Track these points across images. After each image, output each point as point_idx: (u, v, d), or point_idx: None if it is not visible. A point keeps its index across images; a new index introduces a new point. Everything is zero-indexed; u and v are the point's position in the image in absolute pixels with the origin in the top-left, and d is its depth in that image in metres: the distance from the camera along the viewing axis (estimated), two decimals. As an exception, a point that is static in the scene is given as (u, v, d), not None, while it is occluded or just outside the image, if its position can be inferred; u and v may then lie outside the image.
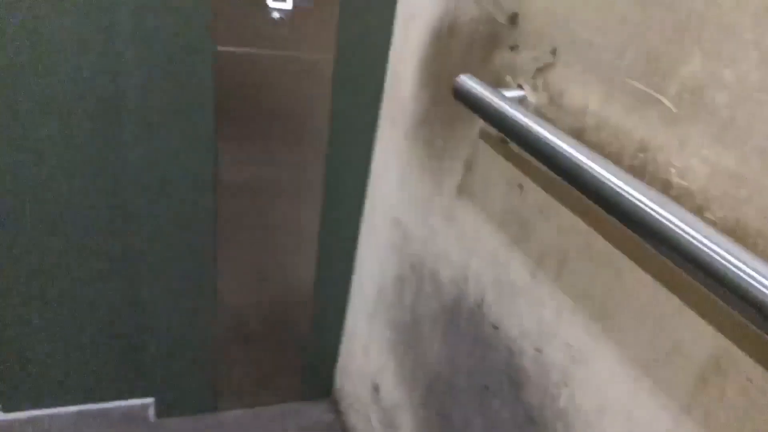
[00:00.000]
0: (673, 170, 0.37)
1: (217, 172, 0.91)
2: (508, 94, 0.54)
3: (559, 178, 0.43)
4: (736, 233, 0.33)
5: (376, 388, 1.00)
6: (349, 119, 0.93)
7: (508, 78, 0.57)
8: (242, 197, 0.95)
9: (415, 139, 0.80)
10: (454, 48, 0.69)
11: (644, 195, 0.35)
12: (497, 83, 0.59)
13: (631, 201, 0.36)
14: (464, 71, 0.66)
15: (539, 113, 0.51)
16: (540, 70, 0.52)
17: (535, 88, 0.53)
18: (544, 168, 0.46)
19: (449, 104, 0.70)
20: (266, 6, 0.81)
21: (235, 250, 1.01)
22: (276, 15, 0.82)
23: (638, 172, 0.40)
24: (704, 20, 0.34)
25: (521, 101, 0.54)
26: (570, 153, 0.42)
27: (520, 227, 0.56)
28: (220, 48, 0.82)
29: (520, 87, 0.55)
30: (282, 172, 0.95)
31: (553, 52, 0.50)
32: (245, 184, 0.94)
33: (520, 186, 0.55)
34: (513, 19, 0.56)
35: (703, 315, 0.36)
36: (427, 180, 0.77)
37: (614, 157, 0.42)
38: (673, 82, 0.37)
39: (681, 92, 0.36)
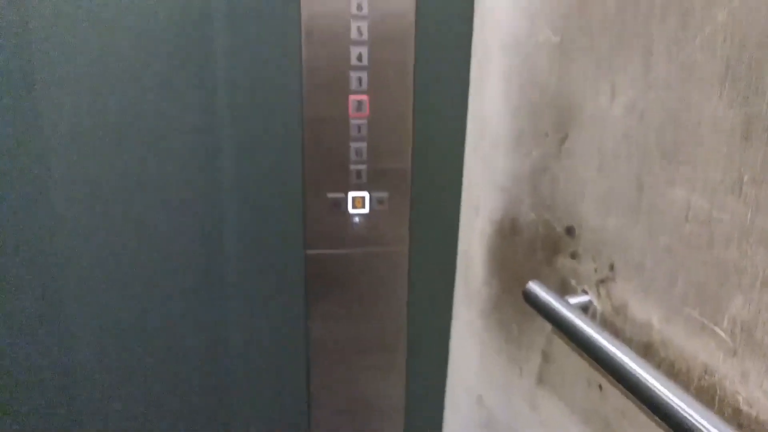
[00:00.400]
0: (740, 398, 0.40)
1: (308, 350, 0.99)
2: (574, 300, 0.60)
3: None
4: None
5: None
6: (425, 300, 1.01)
7: (573, 282, 0.63)
8: (332, 370, 1.02)
9: (491, 322, 0.86)
10: (519, 244, 0.76)
11: (711, 425, 0.38)
12: (563, 285, 0.65)
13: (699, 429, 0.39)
14: (530, 267, 0.73)
15: (605, 322, 0.56)
16: (602, 281, 0.57)
17: (599, 296, 0.58)
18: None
19: (520, 296, 0.76)
20: (347, 213, 0.93)
21: (325, 423, 1.05)
22: (356, 219, 0.94)
23: (707, 394, 0.43)
24: (741, 270, 0.40)
25: (587, 307, 0.59)
26: (636, 372, 0.46)
27: (605, 427, 0.58)
28: (308, 252, 0.94)
29: (585, 292, 0.61)
30: (366, 345, 1.02)
31: (611, 267, 0.56)
32: (333, 355, 1.01)
33: (600, 386, 0.58)
34: (569, 230, 0.63)
35: None
36: (505, 362, 0.81)
37: (683, 376, 0.46)
38: (724, 316, 0.41)
39: (733, 327, 0.41)
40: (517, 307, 0.77)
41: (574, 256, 0.62)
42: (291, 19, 0.83)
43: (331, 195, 0.92)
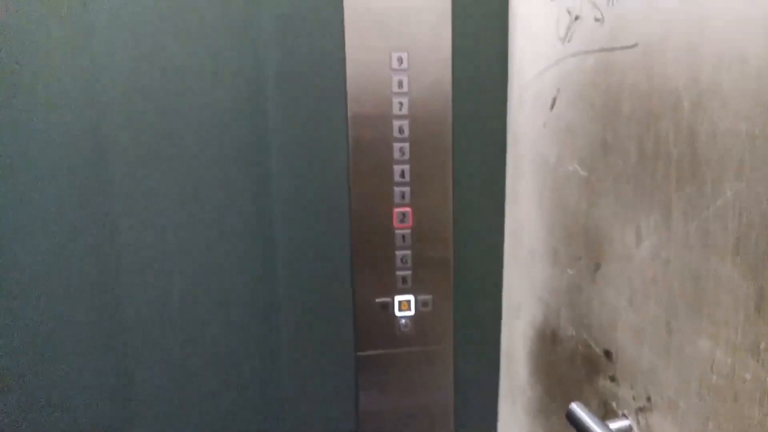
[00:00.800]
0: None
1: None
2: (615, 425, 0.63)
3: None
4: None
5: None
6: (471, 396, 1.04)
7: (614, 404, 0.66)
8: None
9: (536, 425, 0.88)
10: (560, 354, 0.80)
11: None
12: (604, 405, 0.68)
13: None
14: (571, 379, 0.76)
15: (646, 451, 0.59)
16: (641, 409, 0.61)
17: (638, 423, 0.61)
18: None
19: (563, 405, 0.79)
20: (394, 316, 0.99)
21: None
22: (403, 321, 1.00)
23: None
24: (765, 429, 0.43)
25: (628, 433, 0.62)
26: None
27: None
28: (359, 354, 0.99)
29: (625, 416, 0.64)
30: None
31: (648, 399, 0.59)
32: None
33: None
34: (607, 354, 0.67)
35: None
36: (553, 468, 0.83)
37: None
38: (754, 470, 0.45)
39: (763, 482, 0.44)
40: (561, 417, 0.80)
41: (613, 379, 0.66)
42: (339, 146, 0.92)
43: (378, 300, 0.98)
